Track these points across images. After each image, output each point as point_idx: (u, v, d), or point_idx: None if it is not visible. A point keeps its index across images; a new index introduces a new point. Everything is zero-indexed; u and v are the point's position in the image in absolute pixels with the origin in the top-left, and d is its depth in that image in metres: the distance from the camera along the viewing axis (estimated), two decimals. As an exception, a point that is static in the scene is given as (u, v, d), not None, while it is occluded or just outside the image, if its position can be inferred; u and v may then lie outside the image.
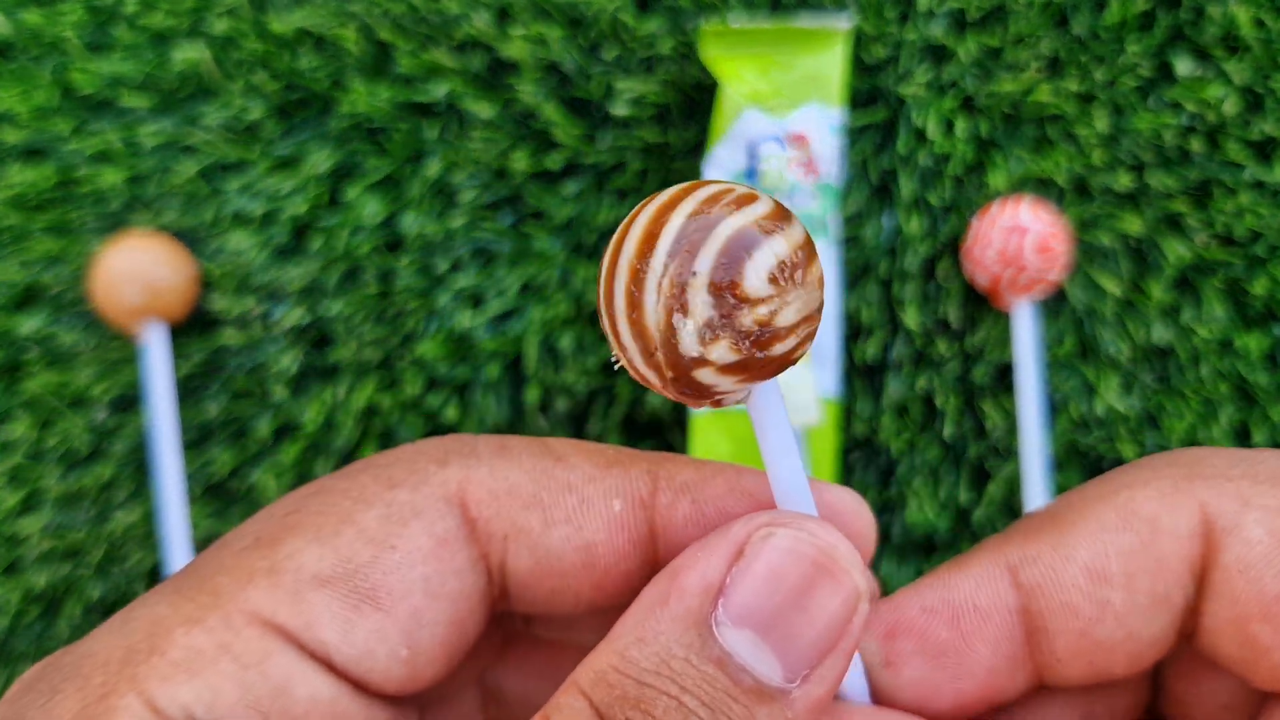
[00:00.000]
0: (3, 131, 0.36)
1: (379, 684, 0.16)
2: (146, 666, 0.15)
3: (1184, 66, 0.32)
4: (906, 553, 0.33)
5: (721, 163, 0.31)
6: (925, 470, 0.33)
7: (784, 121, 0.31)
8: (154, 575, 0.36)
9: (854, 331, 0.33)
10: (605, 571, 0.17)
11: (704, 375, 0.14)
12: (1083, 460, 0.33)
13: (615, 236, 0.15)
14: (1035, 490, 0.31)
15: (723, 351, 0.14)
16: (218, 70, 0.35)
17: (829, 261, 0.31)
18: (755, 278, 0.14)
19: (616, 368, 0.17)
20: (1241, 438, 0.32)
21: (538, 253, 0.34)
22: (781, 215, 0.15)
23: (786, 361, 0.15)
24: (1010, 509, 0.33)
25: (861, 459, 0.33)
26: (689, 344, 0.14)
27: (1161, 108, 0.33)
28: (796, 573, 0.15)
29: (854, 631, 0.15)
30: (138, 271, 0.33)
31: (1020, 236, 0.31)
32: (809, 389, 0.30)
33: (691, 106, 0.34)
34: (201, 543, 0.35)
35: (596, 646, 0.15)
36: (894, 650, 0.16)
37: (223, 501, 0.35)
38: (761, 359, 0.14)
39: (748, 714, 0.14)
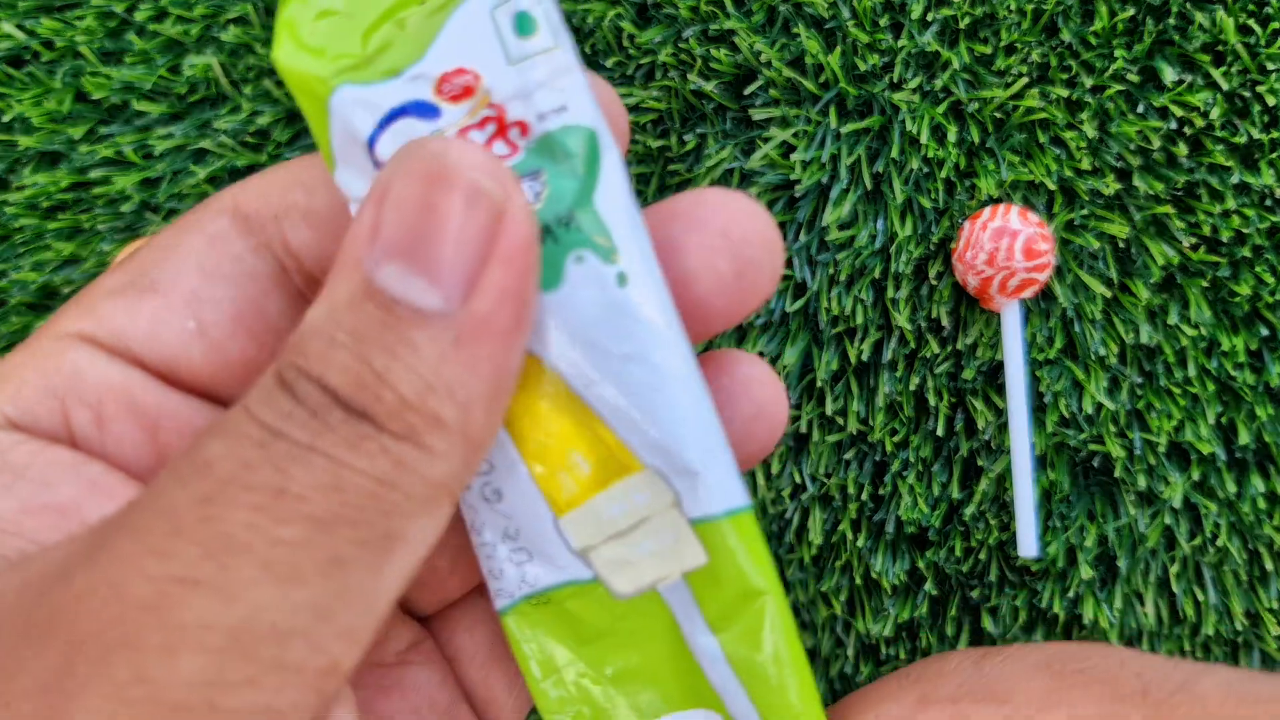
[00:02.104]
0: (17, 136, 0.36)
1: (184, 369, 0.17)
2: None
3: (1170, 73, 0.33)
4: (900, 547, 0.34)
5: (350, 186, 0.17)
6: (918, 467, 0.34)
7: (404, 76, 0.17)
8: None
9: (849, 331, 0.34)
10: None
11: None
12: (1071, 457, 0.33)
13: None
14: (1024, 486, 0.31)
15: None
16: (225, 78, 0.36)
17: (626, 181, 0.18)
18: None
19: None
20: (1227, 435, 0.33)
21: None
22: None
23: None
24: (1000, 504, 0.33)
25: (856, 456, 0.34)
26: None
27: (1148, 113, 0.33)
28: (414, 191, 0.14)
29: (507, 236, 0.14)
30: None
31: (1010, 240, 0.31)
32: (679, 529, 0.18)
33: (690, 113, 0.34)
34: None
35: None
36: None
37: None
38: None
39: (399, 338, 0.14)
